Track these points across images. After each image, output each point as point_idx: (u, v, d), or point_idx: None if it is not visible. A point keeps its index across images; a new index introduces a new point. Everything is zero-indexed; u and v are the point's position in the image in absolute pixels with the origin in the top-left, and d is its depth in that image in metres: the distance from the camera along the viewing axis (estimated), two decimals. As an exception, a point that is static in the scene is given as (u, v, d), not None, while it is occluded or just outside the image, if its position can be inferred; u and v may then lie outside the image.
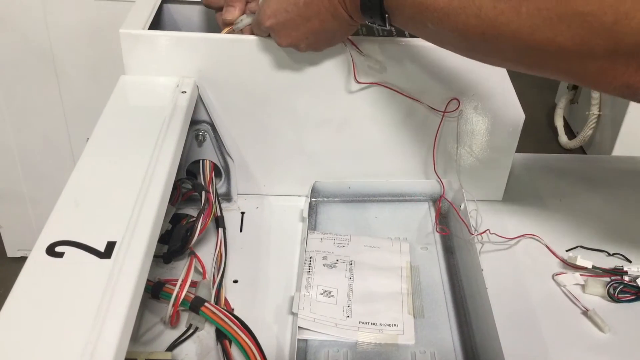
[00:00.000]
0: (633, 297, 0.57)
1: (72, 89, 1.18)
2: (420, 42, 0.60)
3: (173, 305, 0.51)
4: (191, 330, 0.51)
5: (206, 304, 0.51)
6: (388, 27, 0.50)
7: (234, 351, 0.49)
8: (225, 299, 0.54)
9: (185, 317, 0.52)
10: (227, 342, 0.49)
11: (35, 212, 1.33)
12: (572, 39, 0.39)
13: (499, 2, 0.41)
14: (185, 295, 0.51)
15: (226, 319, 0.50)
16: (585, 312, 0.55)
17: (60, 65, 1.16)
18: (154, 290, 0.53)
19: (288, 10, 0.53)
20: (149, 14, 0.62)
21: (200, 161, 0.64)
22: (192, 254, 0.56)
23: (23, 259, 1.45)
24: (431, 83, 0.61)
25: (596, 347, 0.53)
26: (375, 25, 0.50)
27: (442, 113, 0.62)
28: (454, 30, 0.45)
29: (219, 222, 0.60)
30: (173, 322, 0.51)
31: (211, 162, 0.64)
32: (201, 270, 0.57)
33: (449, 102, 0.61)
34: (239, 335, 0.48)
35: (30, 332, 0.35)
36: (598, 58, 0.40)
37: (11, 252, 1.41)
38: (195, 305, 0.51)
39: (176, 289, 0.51)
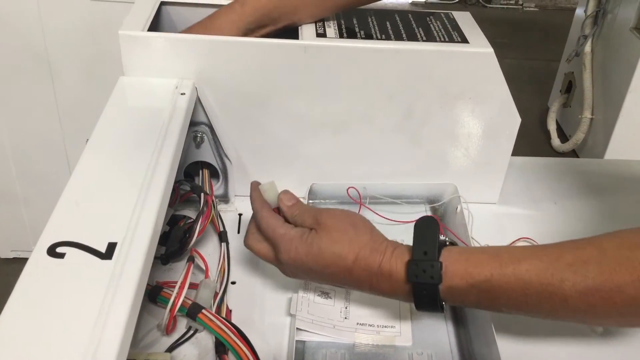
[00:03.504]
0: (627, 299, 0.57)
1: (67, 89, 1.18)
2: (416, 47, 0.61)
3: (169, 314, 0.50)
4: (191, 332, 0.51)
5: (203, 310, 0.50)
6: (444, 312, 0.47)
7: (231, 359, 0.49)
8: (227, 306, 0.54)
9: (183, 321, 0.52)
10: (225, 357, 0.49)
11: (28, 213, 1.33)
12: None
13: (587, 295, 0.40)
14: (183, 301, 0.51)
15: (224, 327, 0.49)
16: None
17: (55, 65, 1.15)
18: (152, 294, 0.53)
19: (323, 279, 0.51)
20: (148, 16, 0.62)
21: (200, 171, 0.64)
22: (191, 260, 0.56)
23: (16, 260, 1.45)
24: (428, 87, 0.61)
25: (589, 347, 0.53)
26: (427, 312, 0.48)
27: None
28: (537, 315, 0.44)
29: (222, 237, 0.60)
30: (169, 330, 0.51)
31: (209, 171, 0.64)
32: (204, 268, 0.56)
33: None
34: (237, 344, 0.48)
35: (32, 333, 0.35)
36: None
37: (4, 253, 1.41)
38: (192, 312, 0.50)
39: (172, 297, 0.50)
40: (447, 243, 0.47)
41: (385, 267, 0.47)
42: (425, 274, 0.45)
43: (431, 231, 0.47)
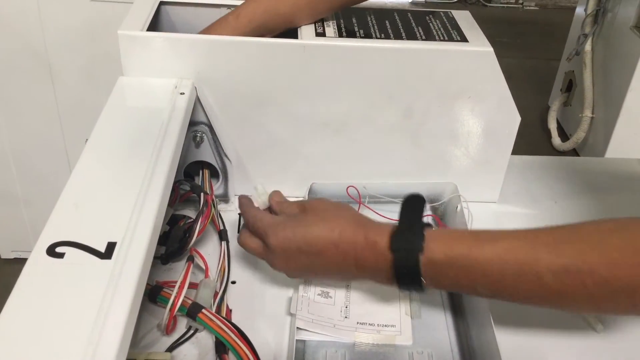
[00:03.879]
0: (627, 297, 0.57)
1: (67, 90, 1.18)
2: (416, 46, 0.61)
3: (168, 314, 0.50)
4: (191, 332, 0.51)
5: (203, 310, 0.50)
6: (424, 292, 0.48)
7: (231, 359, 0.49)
8: (227, 305, 0.54)
9: (183, 321, 0.52)
10: (226, 357, 0.49)
11: (29, 213, 1.33)
12: None
13: (560, 275, 0.41)
14: (183, 300, 0.51)
15: (224, 327, 0.49)
16: (580, 312, 0.56)
17: (55, 66, 1.15)
18: (151, 294, 0.53)
19: (309, 269, 0.51)
20: (147, 16, 0.62)
21: (200, 171, 0.64)
22: (191, 259, 0.56)
23: (17, 261, 1.46)
24: (427, 86, 0.61)
25: (589, 345, 0.54)
26: (408, 290, 0.49)
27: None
28: (511, 295, 0.44)
29: (222, 235, 0.60)
30: (169, 330, 0.51)
31: (209, 171, 0.64)
32: (204, 267, 0.56)
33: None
34: (237, 343, 0.48)
35: (31, 333, 0.35)
36: None
37: (5, 253, 1.41)
38: (192, 311, 0.50)
39: (172, 297, 0.50)
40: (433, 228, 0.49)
41: (370, 237, 0.48)
42: (407, 243, 0.46)
43: (417, 206, 0.49)
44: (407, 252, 0.46)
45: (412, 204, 0.49)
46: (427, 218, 0.66)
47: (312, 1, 0.63)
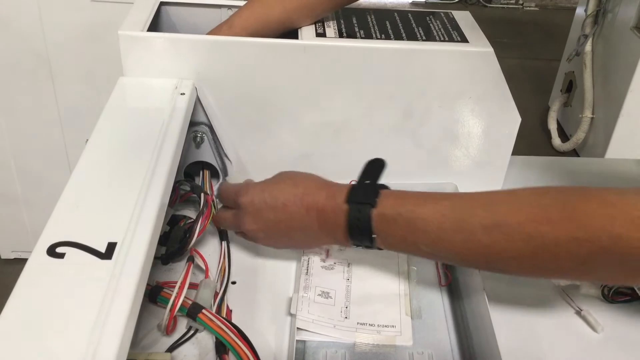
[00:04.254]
0: (628, 298, 0.57)
1: (68, 90, 1.18)
2: (416, 46, 0.61)
3: (169, 314, 0.50)
4: (191, 332, 0.51)
5: (204, 310, 0.50)
6: (374, 248, 0.50)
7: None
8: (227, 306, 0.54)
9: (183, 321, 0.52)
10: (226, 357, 0.49)
11: (29, 213, 1.33)
12: (573, 261, 0.40)
13: (491, 229, 0.43)
14: (183, 301, 0.51)
15: (224, 327, 0.49)
16: (579, 312, 0.56)
17: (55, 66, 1.16)
18: (152, 295, 0.53)
19: (280, 228, 0.53)
20: (147, 16, 0.62)
21: (200, 171, 0.64)
22: (191, 260, 0.56)
23: (17, 261, 1.46)
24: (428, 86, 0.61)
25: (589, 347, 0.54)
26: (360, 246, 0.51)
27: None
28: (449, 252, 0.46)
29: (222, 235, 0.60)
30: (169, 330, 0.51)
31: (209, 171, 0.64)
32: (204, 268, 0.56)
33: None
34: (237, 344, 0.48)
35: (32, 333, 0.35)
36: (607, 272, 0.41)
37: (5, 253, 1.41)
38: (192, 312, 0.50)
39: (172, 297, 0.50)
40: None
41: (331, 192, 0.51)
42: (362, 197, 0.49)
43: (377, 168, 0.53)
44: (361, 205, 0.49)
45: (373, 167, 0.54)
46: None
47: (304, 6, 0.63)
